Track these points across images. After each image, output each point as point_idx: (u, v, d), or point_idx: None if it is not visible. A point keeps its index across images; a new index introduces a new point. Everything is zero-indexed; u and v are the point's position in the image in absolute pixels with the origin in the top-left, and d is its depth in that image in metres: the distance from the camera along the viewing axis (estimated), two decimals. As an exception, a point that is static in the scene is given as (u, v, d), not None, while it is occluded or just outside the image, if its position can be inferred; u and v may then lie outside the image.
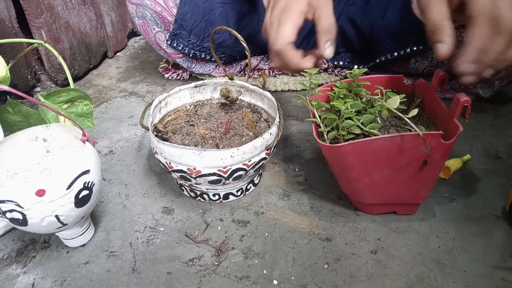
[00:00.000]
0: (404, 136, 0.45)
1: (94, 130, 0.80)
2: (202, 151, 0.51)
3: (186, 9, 0.88)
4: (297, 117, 0.83)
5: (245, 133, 0.60)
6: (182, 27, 0.89)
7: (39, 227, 0.45)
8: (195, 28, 0.89)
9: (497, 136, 0.73)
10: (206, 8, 0.88)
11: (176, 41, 0.90)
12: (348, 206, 0.58)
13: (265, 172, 0.67)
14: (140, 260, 0.51)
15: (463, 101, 0.45)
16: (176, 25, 0.89)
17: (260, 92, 0.66)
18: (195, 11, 0.88)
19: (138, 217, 0.58)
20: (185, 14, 0.88)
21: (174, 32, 0.90)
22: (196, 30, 0.90)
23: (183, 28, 0.89)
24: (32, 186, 0.41)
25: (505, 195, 0.59)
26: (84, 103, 0.68)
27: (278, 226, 0.56)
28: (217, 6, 0.88)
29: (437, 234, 0.53)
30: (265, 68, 0.99)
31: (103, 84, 1.03)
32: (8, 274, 0.50)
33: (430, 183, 0.51)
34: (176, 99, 0.67)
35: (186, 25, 0.89)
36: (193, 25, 0.89)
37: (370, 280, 0.47)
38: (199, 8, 0.88)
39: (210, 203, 0.60)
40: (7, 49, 0.85)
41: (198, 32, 0.90)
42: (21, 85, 0.91)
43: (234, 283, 0.48)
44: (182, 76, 1.02)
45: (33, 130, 0.50)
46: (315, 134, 0.51)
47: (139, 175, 0.67)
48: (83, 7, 1.05)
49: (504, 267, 0.48)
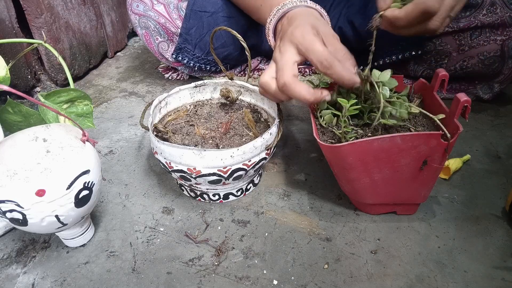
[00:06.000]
0: (404, 136, 0.45)
1: (94, 130, 0.80)
2: (202, 151, 0.51)
3: (191, 24, 0.88)
4: (297, 117, 0.83)
5: (245, 133, 0.60)
6: (187, 41, 0.89)
7: (39, 227, 0.45)
8: (199, 42, 0.90)
9: (497, 136, 0.73)
10: (211, 22, 0.88)
11: (181, 55, 0.91)
12: (348, 206, 0.58)
13: (265, 172, 0.67)
14: (140, 260, 0.51)
15: (463, 101, 0.45)
16: (181, 39, 0.89)
17: (260, 92, 0.66)
18: (200, 25, 0.88)
19: (138, 217, 0.58)
20: (189, 29, 0.88)
21: (179, 46, 0.90)
22: (201, 44, 0.90)
23: (188, 42, 0.89)
24: (32, 186, 0.41)
25: (505, 195, 0.59)
26: (84, 103, 0.68)
27: (278, 226, 0.56)
28: (221, 21, 0.87)
29: (437, 234, 0.53)
30: (264, 69, 0.99)
31: (103, 84, 1.03)
32: (8, 274, 0.50)
33: (430, 183, 0.51)
34: (176, 99, 0.67)
35: (190, 39, 0.89)
36: (198, 39, 0.89)
37: (370, 280, 0.47)
38: (203, 22, 0.88)
39: (210, 203, 0.60)
40: (7, 49, 0.85)
41: (203, 46, 0.90)
42: (21, 85, 0.91)
43: (234, 283, 0.48)
44: (182, 76, 1.02)
45: (33, 130, 0.50)
46: (315, 134, 0.51)
47: (139, 175, 0.67)
48: (83, 7, 1.05)
49: (504, 267, 0.48)
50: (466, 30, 0.76)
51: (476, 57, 0.76)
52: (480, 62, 0.77)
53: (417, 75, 0.85)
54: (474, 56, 0.77)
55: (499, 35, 0.73)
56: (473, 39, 0.76)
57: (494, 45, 0.74)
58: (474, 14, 0.74)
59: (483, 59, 0.76)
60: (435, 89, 0.53)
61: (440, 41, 0.79)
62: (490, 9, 0.73)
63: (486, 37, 0.74)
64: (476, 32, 0.75)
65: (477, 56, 0.76)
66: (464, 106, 0.45)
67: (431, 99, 0.54)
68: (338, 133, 0.51)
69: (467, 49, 0.77)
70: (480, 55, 0.76)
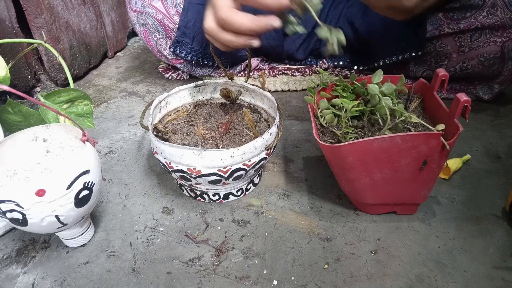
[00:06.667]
0: (404, 136, 0.45)
1: (94, 130, 0.80)
2: (202, 151, 0.51)
3: (189, 17, 0.88)
4: (297, 117, 0.83)
5: (245, 133, 0.60)
6: (185, 34, 0.89)
7: (39, 227, 0.45)
8: (197, 35, 0.90)
9: (497, 136, 0.73)
10: None
11: (179, 48, 0.91)
12: (348, 206, 0.58)
13: (265, 172, 0.67)
14: (140, 260, 0.51)
15: (463, 101, 0.45)
16: (179, 33, 0.89)
17: (260, 92, 0.66)
18: (198, 18, 0.88)
19: (138, 217, 0.58)
20: (188, 22, 0.88)
21: (177, 40, 0.90)
22: (199, 37, 0.90)
23: (186, 36, 0.89)
24: (32, 186, 0.41)
25: (505, 195, 0.59)
26: (84, 103, 0.68)
27: (278, 226, 0.56)
28: None
29: (437, 234, 0.53)
30: (264, 68, 0.99)
31: (103, 84, 1.03)
32: (8, 274, 0.50)
33: (430, 183, 0.51)
34: (176, 99, 0.67)
35: (189, 32, 0.89)
36: (196, 32, 0.89)
37: (370, 280, 0.47)
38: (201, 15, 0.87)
39: (210, 203, 0.60)
40: (7, 49, 0.85)
41: (201, 39, 0.90)
42: (21, 85, 0.91)
43: (234, 283, 0.48)
44: (182, 76, 1.02)
45: (33, 130, 0.50)
46: (315, 134, 0.51)
47: (139, 175, 0.67)
48: (83, 7, 1.05)
49: (504, 267, 0.48)
50: (466, 32, 0.76)
51: (476, 59, 0.76)
52: (480, 63, 0.77)
53: (417, 76, 0.85)
54: (474, 57, 0.77)
55: (499, 37, 0.73)
56: (473, 40, 0.76)
57: (494, 46, 0.74)
58: (474, 16, 0.74)
59: (483, 60, 0.76)
60: (435, 89, 0.53)
61: (440, 42, 0.79)
62: (491, 10, 0.73)
63: (486, 39, 0.74)
64: (476, 34, 0.75)
65: (477, 57, 0.76)
66: (464, 106, 0.45)
67: (431, 99, 0.54)
68: (338, 134, 0.51)
69: (467, 51, 0.77)
70: (480, 57, 0.76)
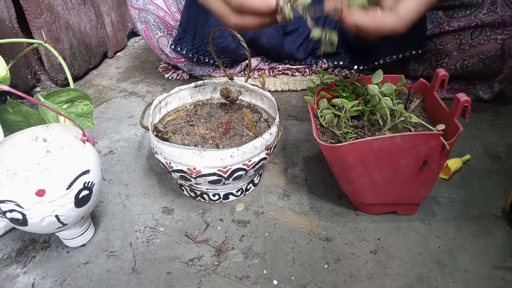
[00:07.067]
0: (404, 136, 0.45)
1: (94, 130, 0.80)
2: (202, 151, 0.51)
3: (190, 14, 0.88)
4: (297, 117, 0.83)
5: (245, 133, 0.60)
6: (186, 31, 0.89)
7: (39, 227, 0.45)
8: (199, 33, 0.90)
9: (497, 136, 0.73)
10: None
11: (180, 45, 0.91)
12: (348, 206, 0.58)
13: (265, 172, 0.67)
14: (140, 260, 0.51)
15: (463, 101, 0.45)
16: (180, 30, 0.89)
17: (260, 92, 0.66)
18: (199, 15, 0.88)
19: (138, 217, 0.58)
20: (189, 19, 0.88)
21: (178, 37, 0.90)
22: (200, 34, 0.90)
23: (187, 33, 0.89)
24: (32, 186, 0.41)
25: (505, 195, 0.59)
26: (84, 103, 0.68)
27: (278, 226, 0.56)
28: None
29: (437, 234, 0.53)
30: (264, 68, 0.99)
31: (103, 84, 1.03)
32: (8, 274, 0.50)
33: (430, 183, 0.51)
34: (176, 99, 0.67)
35: (190, 29, 0.89)
36: (197, 30, 0.89)
37: (370, 280, 0.47)
38: (203, 12, 0.88)
39: (210, 203, 0.60)
40: (7, 49, 0.85)
41: (202, 37, 0.90)
42: (21, 85, 0.91)
43: (234, 283, 0.48)
44: (182, 76, 1.02)
45: (33, 130, 0.50)
46: (315, 134, 0.51)
47: (139, 175, 0.67)
48: (83, 7, 1.05)
49: (504, 267, 0.48)
50: (466, 29, 0.76)
51: (477, 56, 0.76)
52: (480, 61, 0.77)
53: (418, 75, 0.85)
54: (475, 55, 0.77)
55: (499, 34, 0.73)
56: (474, 38, 0.76)
57: (495, 44, 0.74)
58: (474, 13, 0.74)
59: (483, 58, 0.76)
60: (435, 89, 0.53)
61: (441, 40, 0.79)
62: (491, 8, 0.73)
63: (487, 36, 0.74)
64: (477, 31, 0.75)
65: (478, 55, 0.76)
66: (464, 106, 0.45)
67: (431, 99, 0.54)
68: (338, 134, 0.51)
69: (468, 48, 0.77)
70: (480, 54, 0.76)
